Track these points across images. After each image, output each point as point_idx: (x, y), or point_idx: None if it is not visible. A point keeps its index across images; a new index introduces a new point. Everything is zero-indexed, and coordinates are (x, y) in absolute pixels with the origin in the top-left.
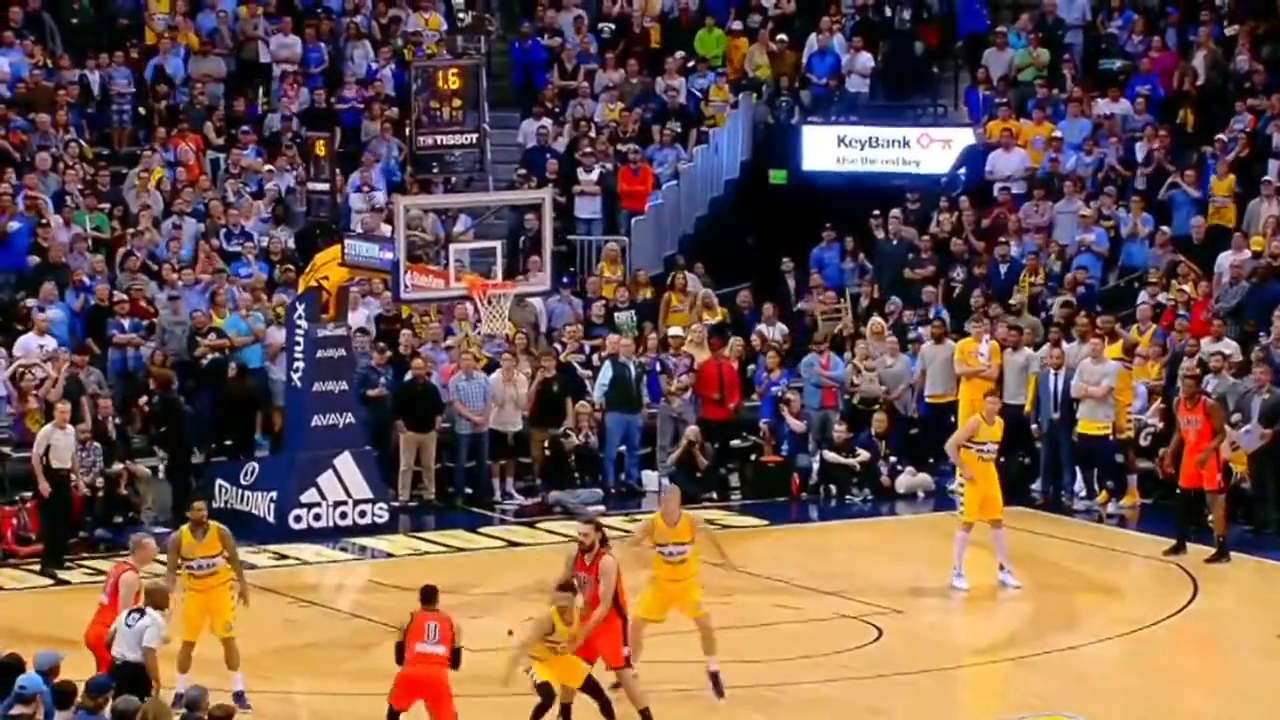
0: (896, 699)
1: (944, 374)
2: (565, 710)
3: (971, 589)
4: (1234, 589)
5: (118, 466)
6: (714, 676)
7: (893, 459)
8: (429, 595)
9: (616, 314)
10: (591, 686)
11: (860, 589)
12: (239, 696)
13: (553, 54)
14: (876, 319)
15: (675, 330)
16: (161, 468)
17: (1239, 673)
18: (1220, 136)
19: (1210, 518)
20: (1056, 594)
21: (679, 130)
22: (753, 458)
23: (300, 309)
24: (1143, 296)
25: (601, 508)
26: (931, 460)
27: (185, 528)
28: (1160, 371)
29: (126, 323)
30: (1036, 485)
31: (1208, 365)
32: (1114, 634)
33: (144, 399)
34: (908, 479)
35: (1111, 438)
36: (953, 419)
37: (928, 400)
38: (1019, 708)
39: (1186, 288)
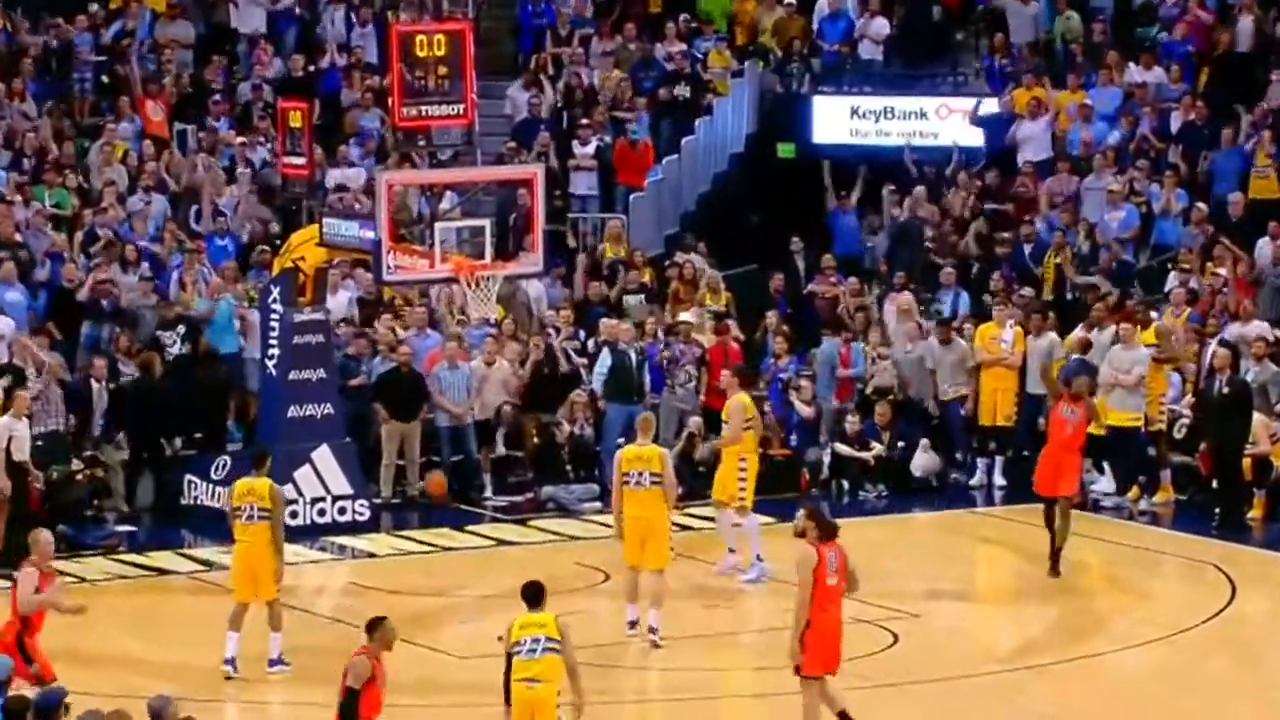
0: (912, 708)
1: (953, 374)
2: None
3: (991, 590)
4: (1273, 592)
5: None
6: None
7: (900, 443)
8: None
9: (626, 297)
10: None
11: (874, 591)
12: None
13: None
14: (904, 296)
15: (686, 316)
16: (124, 458)
17: (1274, 680)
18: (1263, 104)
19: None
20: (1083, 597)
21: (687, 96)
22: (759, 451)
23: (275, 292)
24: (1172, 279)
25: (598, 505)
26: (960, 457)
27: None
28: (1194, 355)
29: (105, 303)
30: None
31: (1237, 350)
32: (1144, 640)
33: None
34: (923, 459)
35: (1143, 430)
36: (963, 411)
37: (942, 400)
38: (1041, 718)
39: (1222, 270)
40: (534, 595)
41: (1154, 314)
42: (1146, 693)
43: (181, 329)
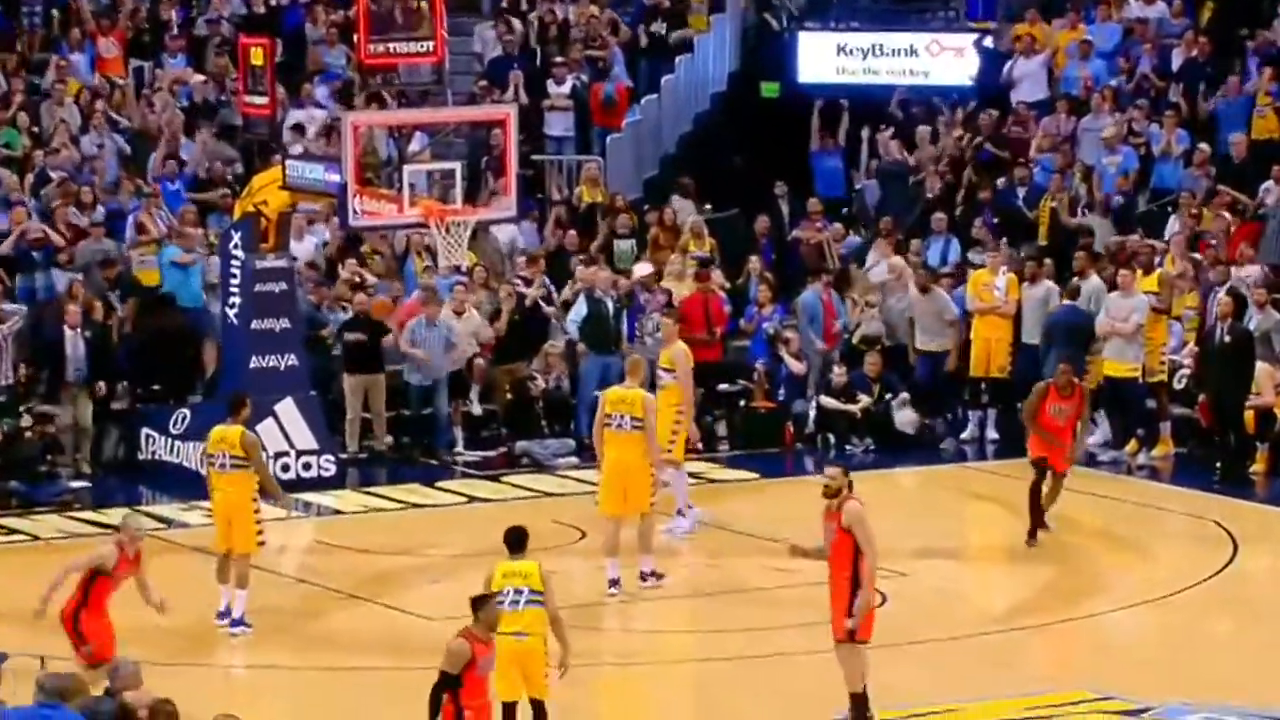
0: (901, 671)
1: (932, 329)
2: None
3: (983, 548)
4: (1277, 548)
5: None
6: (642, 576)
7: (887, 396)
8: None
9: (617, 242)
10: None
11: None
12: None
13: None
14: (896, 259)
15: (642, 267)
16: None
17: (1278, 641)
18: (1264, 33)
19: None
20: (1079, 555)
21: (663, 33)
22: (742, 404)
23: (236, 237)
24: (1173, 223)
25: (574, 460)
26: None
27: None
28: (1197, 302)
29: (37, 255)
30: None
31: (1242, 297)
32: (1143, 599)
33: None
34: (909, 414)
35: (1141, 380)
36: (948, 367)
37: (919, 350)
38: (1037, 681)
39: (1226, 214)
40: (516, 540)
41: (1157, 259)
42: (1146, 654)
43: (117, 292)
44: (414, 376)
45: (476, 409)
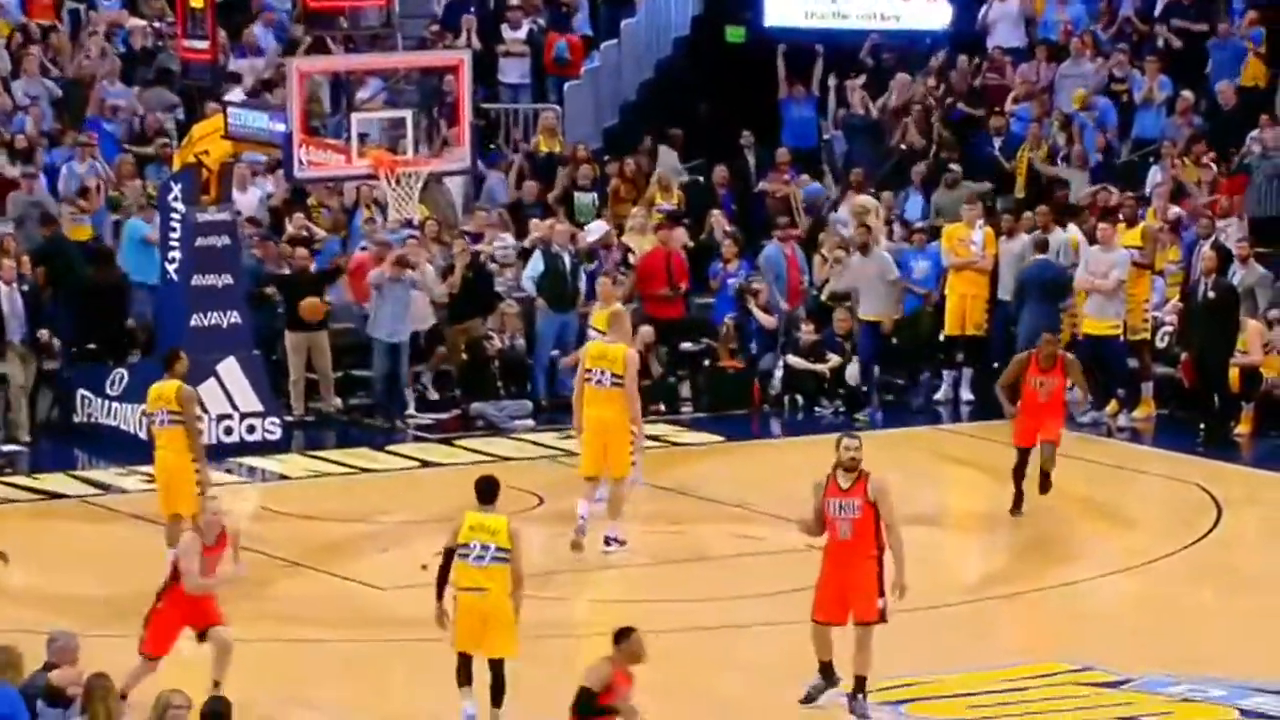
0: (873, 643)
1: (875, 292)
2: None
3: (957, 514)
4: (1262, 513)
5: None
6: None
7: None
8: None
9: (577, 195)
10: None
11: None
12: None
13: None
14: (862, 197)
15: (596, 226)
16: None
17: (1263, 610)
18: None
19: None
20: (1057, 520)
21: None
22: (707, 363)
23: (176, 189)
24: (1155, 174)
25: (530, 422)
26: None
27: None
28: (1180, 256)
29: None
30: None
31: (1227, 251)
32: (1123, 567)
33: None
34: (853, 368)
35: (1122, 339)
36: (884, 330)
37: (862, 320)
38: (1013, 653)
39: (1212, 166)
40: (487, 491)
41: (1140, 212)
42: (1125, 623)
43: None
44: (380, 332)
45: (432, 394)
